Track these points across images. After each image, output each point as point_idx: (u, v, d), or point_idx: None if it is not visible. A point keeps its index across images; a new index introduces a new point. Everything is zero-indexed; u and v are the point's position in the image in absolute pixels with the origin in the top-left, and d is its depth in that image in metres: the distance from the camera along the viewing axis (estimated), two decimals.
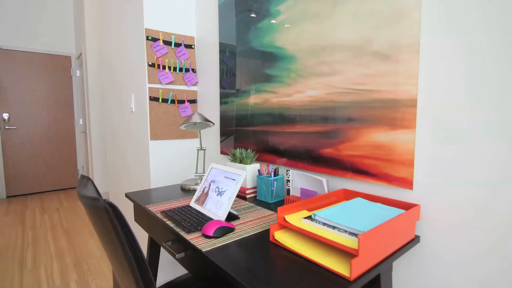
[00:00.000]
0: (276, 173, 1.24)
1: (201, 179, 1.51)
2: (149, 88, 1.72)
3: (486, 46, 0.72)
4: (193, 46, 1.86)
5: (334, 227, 0.77)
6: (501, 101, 0.71)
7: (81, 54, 3.97)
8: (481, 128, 0.74)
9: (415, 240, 0.84)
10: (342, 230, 0.75)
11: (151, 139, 1.75)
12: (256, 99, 1.44)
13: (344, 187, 1.09)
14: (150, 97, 1.73)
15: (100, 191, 3.86)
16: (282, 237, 0.81)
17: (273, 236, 0.82)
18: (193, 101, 1.90)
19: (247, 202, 1.22)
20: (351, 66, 1.01)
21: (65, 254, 2.32)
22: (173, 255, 0.90)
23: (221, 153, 1.75)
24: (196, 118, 1.42)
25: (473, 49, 0.74)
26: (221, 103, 1.70)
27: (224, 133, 1.70)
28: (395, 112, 0.90)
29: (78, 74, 4.35)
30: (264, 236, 0.87)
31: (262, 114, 1.41)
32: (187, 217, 1.00)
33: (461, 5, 0.76)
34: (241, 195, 1.32)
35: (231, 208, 1.14)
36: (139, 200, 1.26)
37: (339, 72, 1.05)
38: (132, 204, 2.23)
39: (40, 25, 4.06)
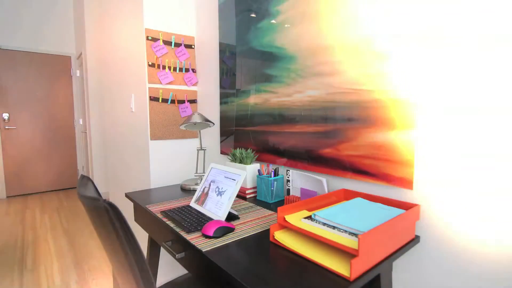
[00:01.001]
0: (276, 173, 1.24)
1: (201, 179, 1.51)
2: (149, 88, 1.72)
3: (486, 46, 0.72)
4: (193, 46, 1.86)
5: (334, 227, 0.77)
6: (501, 101, 0.70)
7: (81, 54, 3.97)
8: (481, 128, 0.74)
9: (415, 240, 0.84)
10: (342, 230, 0.75)
11: (151, 139, 1.76)
12: (256, 99, 1.44)
13: (344, 187, 1.09)
14: (150, 97, 1.73)
15: (100, 191, 3.86)
16: (282, 237, 0.81)
17: (273, 236, 0.82)
18: (193, 101, 1.90)
19: (247, 202, 1.22)
20: (351, 66, 1.01)
21: (65, 254, 2.32)
22: (173, 255, 0.90)
23: (221, 153, 1.75)
24: (196, 118, 1.42)
25: (473, 49, 0.74)
26: (221, 103, 1.70)
27: (224, 133, 1.70)
28: (395, 112, 0.90)
29: (78, 74, 4.35)
30: (264, 236, 0.87)
31: (262, 114, 1.41)
32: (187, 217, 1.00)
33: (461, 5, 0.76)
34: (241, 195, 1.32)
35: (231, 208, 1.14)
36: (139, 200, 1.26)
37: (339, 72, 1.05)
38: (132, 204, 2.23)
39: (40, 25, 4.06)
